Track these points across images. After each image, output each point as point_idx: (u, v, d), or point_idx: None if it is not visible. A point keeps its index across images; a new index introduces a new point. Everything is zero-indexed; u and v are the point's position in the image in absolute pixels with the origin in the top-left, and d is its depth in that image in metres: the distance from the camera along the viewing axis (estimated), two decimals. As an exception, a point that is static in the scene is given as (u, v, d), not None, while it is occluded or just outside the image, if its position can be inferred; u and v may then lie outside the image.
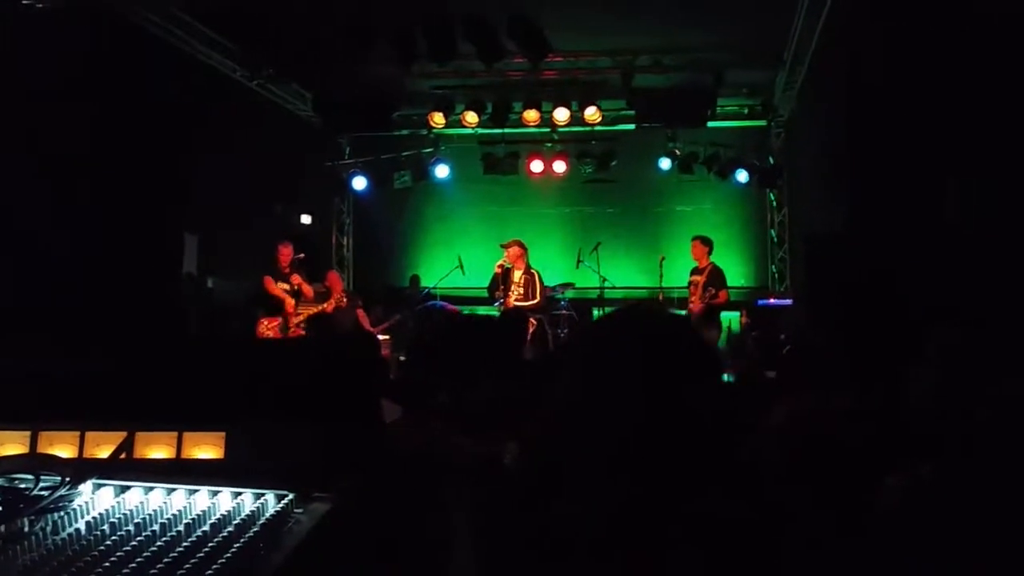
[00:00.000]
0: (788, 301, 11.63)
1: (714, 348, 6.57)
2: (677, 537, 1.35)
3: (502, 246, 10.91)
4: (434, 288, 12.88)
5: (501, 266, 10.82)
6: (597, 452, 1.40)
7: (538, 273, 10.90)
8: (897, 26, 7.37)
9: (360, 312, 11.60)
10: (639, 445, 1.36)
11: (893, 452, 2.31)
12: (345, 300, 11.31)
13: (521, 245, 10.88)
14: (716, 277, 10.49)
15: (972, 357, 2.19)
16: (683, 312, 10.50)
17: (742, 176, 12.98)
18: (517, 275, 10.81)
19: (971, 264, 5.88)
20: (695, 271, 10.76)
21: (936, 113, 6.77)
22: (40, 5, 8.10)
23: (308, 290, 10.52)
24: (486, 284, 11.14)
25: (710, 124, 12.28)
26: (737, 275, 13.75)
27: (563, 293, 12.11)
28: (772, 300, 12.01)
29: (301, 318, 10.54)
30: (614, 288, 12.38)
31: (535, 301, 10.77)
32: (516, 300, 10.68)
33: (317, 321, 9.87)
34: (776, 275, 13.82)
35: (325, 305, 10.88)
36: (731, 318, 11.36)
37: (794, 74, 11.57)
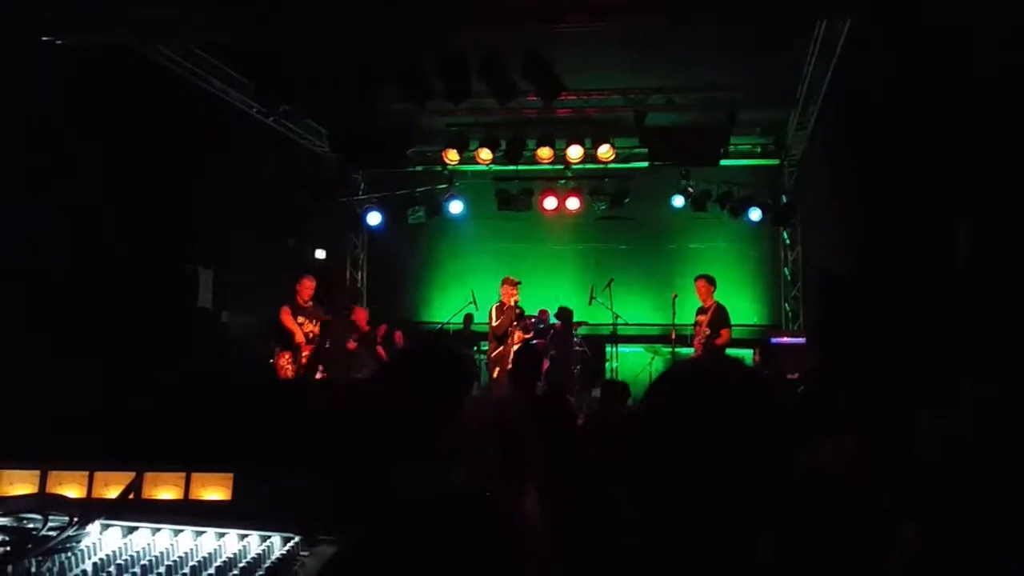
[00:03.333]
0: (801, 340, 11.59)
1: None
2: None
3: (514, 284, 10.86)
4: (447, 324, 12.90)
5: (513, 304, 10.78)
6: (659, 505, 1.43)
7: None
8: (908, 68, 7.41)
9: (399, 336, 11.66)
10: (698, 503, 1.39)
11: (906, 500, 2.30)
12: (370, 337, 11.39)
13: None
14: (720, 317, 10.37)
15: (1007, 410, 2.18)
16: (690, 350, 10.46)
17: (755, 214, 12.98)
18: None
19: (981, 305, 5.86)
20: (700, 311, 10.67)
21: (946, 153, 6.79)
22: (60, 42, 8.22)
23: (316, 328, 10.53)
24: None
25: (723, 163, 12.28)
26: (750, 313, 13.74)
27: (576, 330, 12.10)
28: (785, 339, 11.96)
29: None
30: (627, 325, 12.37)
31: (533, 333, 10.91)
32: (526, 336, 10.70)
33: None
34: (789, 313, 13.77)
35: (351, 342, 10.96)
36: (744, 356, 11.32)
37: (806, 113, 11.61)
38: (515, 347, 10.33)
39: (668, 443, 1.46)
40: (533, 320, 11.37)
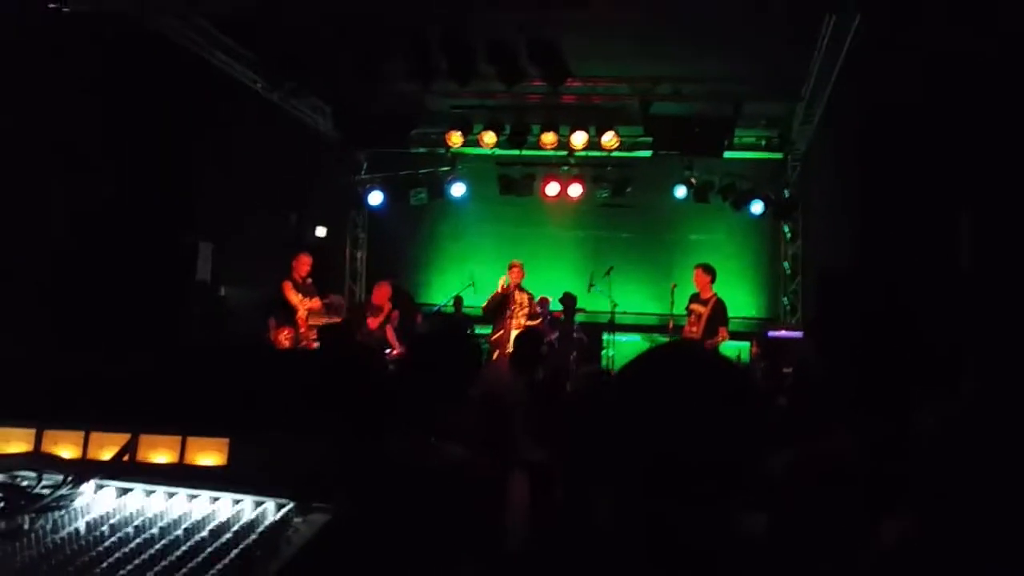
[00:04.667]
0: (799, 333, 11.58)
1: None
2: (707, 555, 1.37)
3: (513, 265, 10.87)
4: (444, 305, 12.91)
5: (505, 288, 10.76)
6: (627, 477, 1.43)
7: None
8: (914, 64, 7.40)
9: (389, 329, 11.59)
10: (667, 473, 1.39)
11: (901, 491, 2.30)
12: (395, 314, 11.31)
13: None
14: (721, 313, 10.28)
15: (1009, 405, 2.18)
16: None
17: (757, 207, 12.98)
18: (520, 296, 10.82)
19: (984, 301, 5.86)
20: (696, 299, 10.52)
21: (952, 149, 6.78)
22: (66, 9, 8.18)
23: (317, 305, 10.50)
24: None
25: (727, 154, 12.28)
26: (748, 306, 13.74)
27: (574, 317, 12.10)
28: (783, 332, 11.96)
29: (314, 331, 10.53)
30: (625, 313, 12.37)
31: (539, 320, 10.86)
32: (527, 321, 10.69)
33: (329, 332, 9.71)
34: (788, 307, 13.78)
35: (372, 319, 10.93)
36: (741, 348, 11.32)
37: (812, 108, 11.60)
38: (515, 332, 10.34)
39: (637, 421, 1.46)
40: (539, 307, 11.35)
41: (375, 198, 13.95)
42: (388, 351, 10.50)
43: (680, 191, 13.15)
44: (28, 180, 7.47)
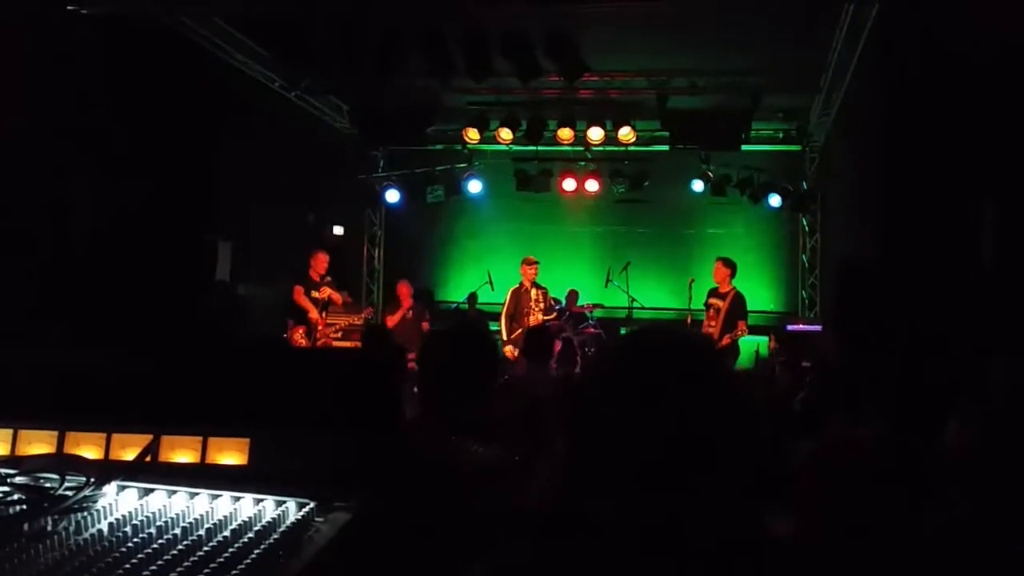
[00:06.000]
0: (817, 327, 11.52)
1: (737, 372, 6.54)
2: (706, 552, 1.35)
3: (532, 263, 10.91)
4: (461, 303, 12.93)
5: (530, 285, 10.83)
6: (621, 470, 1.41)
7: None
8: (935, 52, 7.33)
9: (425, 324, 11.61)
10: (661, 465, 1.36)
11: (925, 485, 2.28)
12: (411, 312, 11.41)
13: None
14: (739, 307, 10.27)
15: None
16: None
17: (775, 200, 12.90)
18: (536, 292, 10.85)
19: (1006, 296, 5.81)
20: (715, 294, 10.54)
21: (973, 142, 6.72)
22: (84, 11, 8.23)
23: (337, 298, 10.57)
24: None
25: (744, 148, 12.24)
26: (767, 299, 13.68)
27: (591, 312, 12.08)
28: (801, 325, 11.90)
29: (333, 328, 10.59)
30: (643, 308, 12.35)
31: (554, 315, 10.88)
32: (543, 316, 10.72)
33: (373, 332, 9.69)
34: (806, 300, 13.71)
35: (391, 316, 11.00)
36: (759, 343, 11.28)
37: (830, 100, 11.51)
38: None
39: (613, 412, 1.44)
40: (554, 302, 11.35)
41: (392, 196, 13.96)
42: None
43: (697, 185, 13.08)
44: (51, 181, 7.52)
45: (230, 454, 1.83)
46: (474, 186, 13.51)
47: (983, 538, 1.91)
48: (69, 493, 1.66)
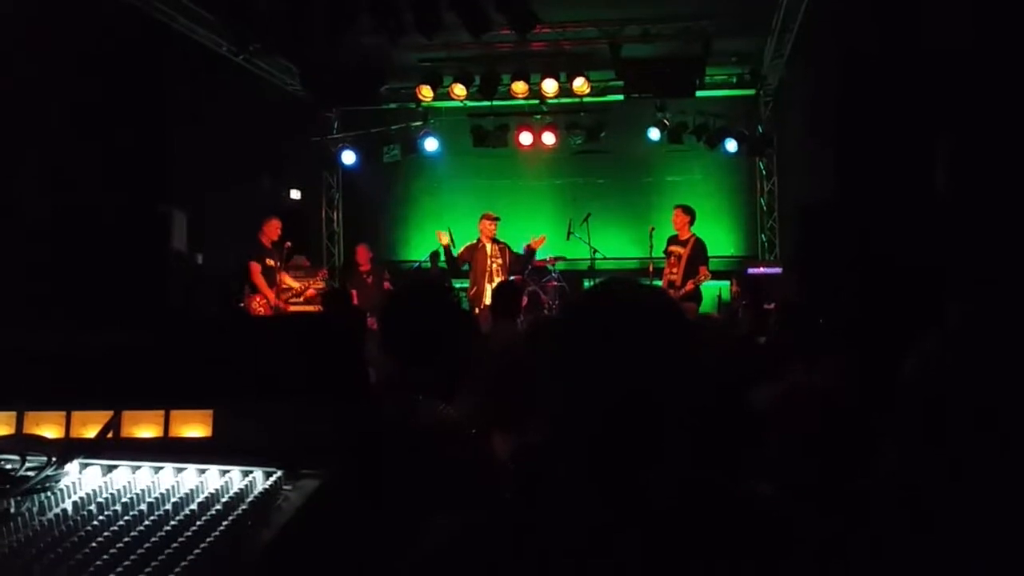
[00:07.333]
0: (777, 270, 11.63)
1: (695, 321, 6.58)
2: (673, 510, 1.35)
3: (493, 219, 10.87)
4: (423, 262, 12.89)
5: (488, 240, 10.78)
6: (581, 427, 1.40)
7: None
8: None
9: (387, 285, 11.56)
10: (625, 419, 1.36)
11: (886, 427, 2.31)
12: (371, 277, 11.37)
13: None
14: (700, 253, 10.34)
15: (995, 331, 2.16)
16: (659, 283, 10.36)
17: (731, 145, 12.96)
18: (492, 248, 10.81)
19: (964, 231, 5.87)
20: (675, 241, 10.61)
21: (927, 77, 6.74)
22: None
23: (284, 277, 10.56)
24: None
25: (699, 94, 12.24)
26: (727, 244, 13.79)
27: (554, 265, 12.09)
28: (762, 268, 12.00)
29: (290, 294, 10.56)
30: (605, 259, 12.36)
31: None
32: (502, 274, 10.69)
33: (332, 296, 9.57)
34: (766, 244, 13.84)
35: (350, 281, 10.94)
36: (721, 287, 11.37)
37: (782, 42, 11.53)
38: (489, 286, 10.36)
39: (570, 369, 1.43)
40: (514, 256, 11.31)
41: (348, 157, 13.84)
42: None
43: (654, 133, 13.10)
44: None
45: (193, 427, 1.81)
46: (430, 144, 13.40)
47: (933, 479, 1.93)
48: (31, 474, 1.64)
